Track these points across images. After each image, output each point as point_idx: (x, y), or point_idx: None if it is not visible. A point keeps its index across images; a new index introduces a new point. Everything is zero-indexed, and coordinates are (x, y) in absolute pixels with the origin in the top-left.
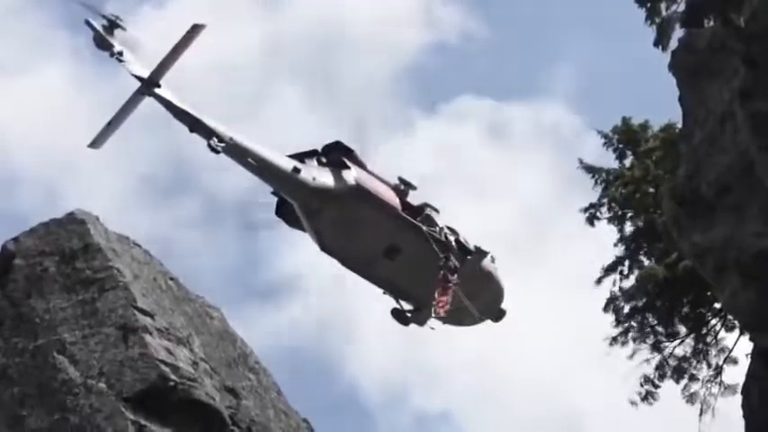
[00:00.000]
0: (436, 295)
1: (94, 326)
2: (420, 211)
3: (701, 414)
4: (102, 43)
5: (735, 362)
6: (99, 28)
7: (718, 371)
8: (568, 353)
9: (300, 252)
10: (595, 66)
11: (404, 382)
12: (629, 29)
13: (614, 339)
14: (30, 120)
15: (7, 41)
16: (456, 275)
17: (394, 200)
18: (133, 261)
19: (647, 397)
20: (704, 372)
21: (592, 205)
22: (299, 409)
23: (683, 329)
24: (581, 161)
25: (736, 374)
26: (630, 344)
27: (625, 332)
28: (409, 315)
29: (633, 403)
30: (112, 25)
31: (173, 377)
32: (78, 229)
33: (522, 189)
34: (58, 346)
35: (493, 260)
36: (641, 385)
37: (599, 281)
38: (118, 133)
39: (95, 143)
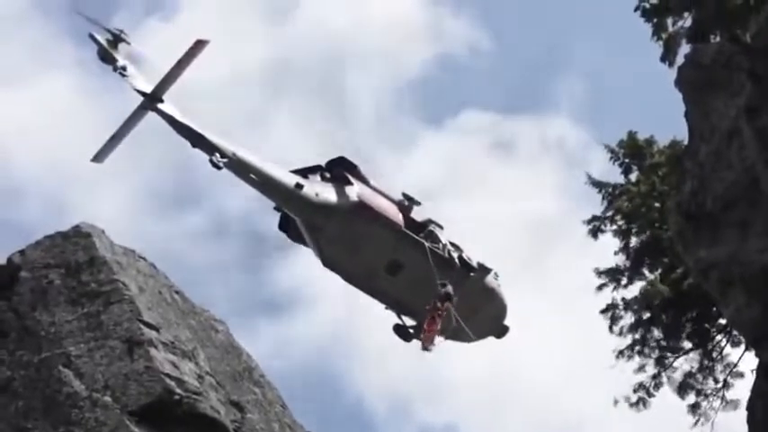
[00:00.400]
0: (425, 326)
1: (100, 339)
2: (424, 226)
3: (695, 424)
4: (105, 57)
5: (741, 375)
6: (103, 42)
7: (723, 386)
8: (573, 366)
9: (305, 267)
10: (602, 80)
11: (409, 396)
12: (636, 43)
13: (621, 353)
14: (34, 130)
15: (12, 51)
16: (448, 303)
17: (397, 216)
18: (138, 274)
19: (638, 403)
20: (710, 386)
21: (596, 218)
22: (304, 423)
23: (687, 344)
24: (589, 176)
25: (740, 390)
26: (637, 357)
27: (632, 346)
28: (411, 331)
29: (616, 401)
30: (116, 39)
31: (178, 391)
32: (84, 242)
33: (528, 203)
34: (64, 360)
35: (496, 277)
36: (634, 391)
37: (600, 288)
38: (123, 144)
39: (98, 157)
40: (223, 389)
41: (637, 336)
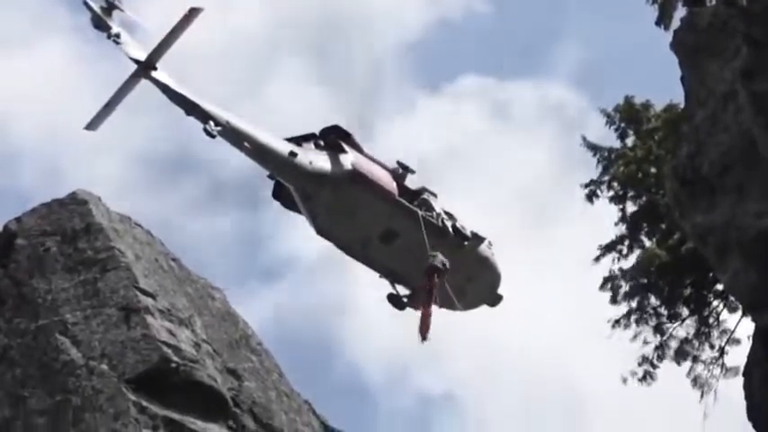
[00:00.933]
0: (421, 310)
1: (96, 306)
2: (418, 195)
3: (702, 396)
4: (99, 24)
5: (738, 342)
6: (96, 9)
7: (721, 352)
8: (571, 333)
9: (299, 235)
10: (601, 44)
11: (406, 364)
12: (635, 6)
13: (617, 322)
14: (30, 97)
15: (6, 17)
16: (439, 277)
17: (391, 184)
18: (135, 241)
19: (646, 377)
20: (707, 353)
21: (592, 182)
22: (301, 390)
23: (685, 311)
24: (584, 138)
25: (738, 356)
26: (633, 326)
27: (628, 314)
28: (405, 300)
29: (624, 380)
30: (110, 6)
31: (174, 358)
32: (80, 209)
33: (525, 168)
34: (60, 327)
35: (490, 246)
36: (639, 365)
37: (597, 259)
38: (118, 111)
39: (92, 125)
40: (220, 356)
41: (633, 303)
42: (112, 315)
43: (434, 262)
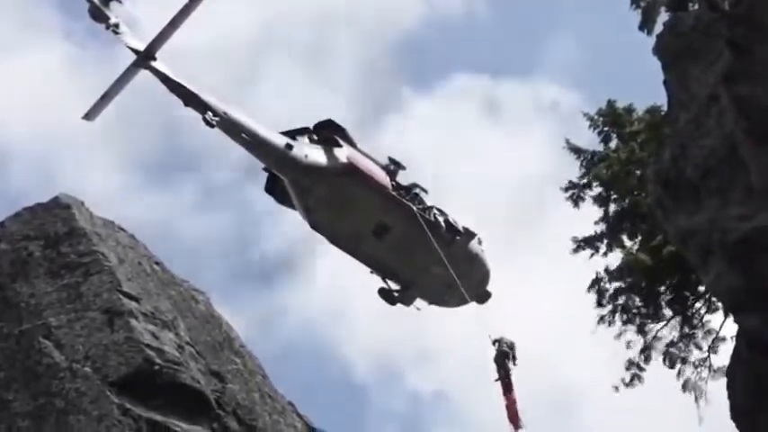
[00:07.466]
0: (505, 402)
1: (80, 310)
2: (409, 191)
3: (696, 400)
4: (97, 15)
5: (724, 340)
6: None
7: (709, 353)
8: (562, 331)
9: (291, 235)
10: (595, 43)
11: (398, 362)
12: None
13: (601, 319)
14: (19, 97)
15: None
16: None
17: (385, 179)
18: (118, 245)
19: (633, 380)
20: (695, 355)
21: (574, 185)
22: (294, 389)
23: (668, 312)
24: (567, 141)
25: (725, 355)
26: (618, 323)
27: (612, 312)
28: (396, 295)
29: (616, 388)
30: None
31: (158, 361)
32: (63, 213)
33: (518, 165)
34: (44, 331)
35: (480, 242)
36: (626, 369)
37: (575, 251)
38: (113, 112)
39: (89, 116)
40: (203, 359)
41: (618, 302)
42: (96, 318)
43: (502, 348)
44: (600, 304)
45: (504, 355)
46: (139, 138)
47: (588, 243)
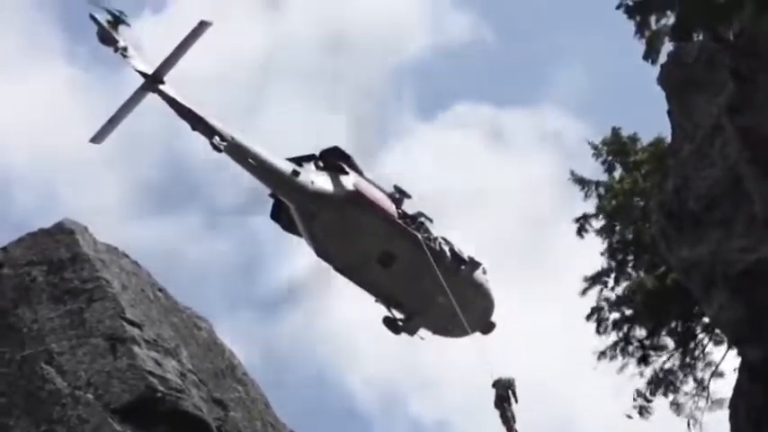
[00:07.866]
0: None
1: (82, 336)
2: (414, 219)
3: (688, 426)
4: (106, 38)
5: (721, 375)
6: (104, 22)
7: (705, 385)
8: (566, 361)
9: (296, 259)
10: (602, 72)
11: (401, 391)
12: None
13: (602, 354)
14: (24, 121)
15: (1, 39)
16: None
17: (391, 207)
18: (121, 271)
19: (643, 411)
20: (690, 385)
21: (584, 216)
22: (296, 417)
23: (670, 343)
24: (572, 172)
25: (723, 389)
26: (619, 357)
27: (613, 346)
28: (401, 324)
29: (629, 417)
30: (117, 21)
31: (160, 388)
32: (66, 239)
33: (521, 194)
34: (46, 357)
35: (485, 272)
36: (634, 399)
37: (584, 292)
38: (115, 136)
39: (97, 138)
40: (206, 386)
41: (620, 333)
42: (98, 345)
43: (499, 392)
44: (599, 332)
45: (503, 399)
46: (144, 162)
47: (596, 280)
